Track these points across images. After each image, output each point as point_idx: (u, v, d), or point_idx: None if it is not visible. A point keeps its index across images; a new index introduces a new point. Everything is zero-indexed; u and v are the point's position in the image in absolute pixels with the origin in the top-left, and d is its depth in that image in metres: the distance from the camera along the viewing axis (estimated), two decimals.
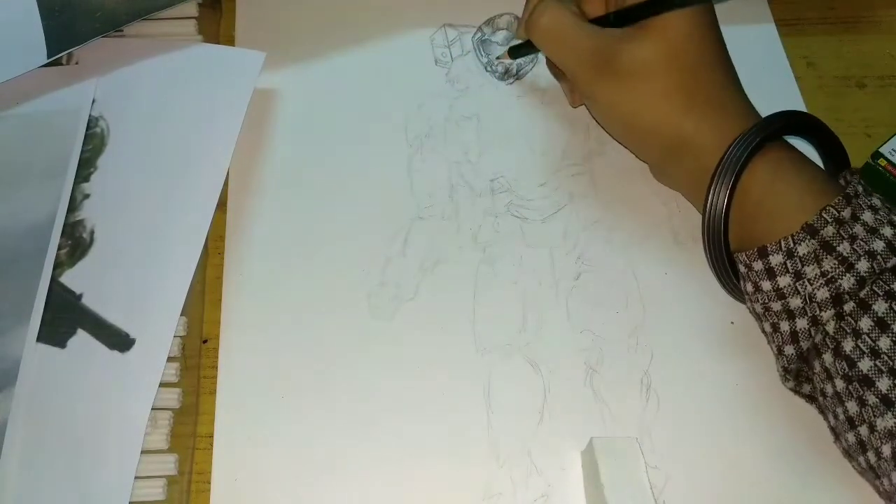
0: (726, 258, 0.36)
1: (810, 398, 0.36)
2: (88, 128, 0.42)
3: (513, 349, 0.38)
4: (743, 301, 0.37)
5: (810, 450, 0.36)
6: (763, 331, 0.36)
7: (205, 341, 0.38)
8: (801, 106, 0.45)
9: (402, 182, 0.42)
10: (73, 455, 0.35)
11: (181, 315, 0.38)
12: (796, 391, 0.36)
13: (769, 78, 0.46)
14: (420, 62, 0.46)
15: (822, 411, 0.35)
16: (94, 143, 0.42)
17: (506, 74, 0.46)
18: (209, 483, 0.35)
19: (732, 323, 0.39)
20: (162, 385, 0.37)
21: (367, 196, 0.42)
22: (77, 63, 0.44)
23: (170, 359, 0.37)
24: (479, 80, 0.46)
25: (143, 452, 0.35)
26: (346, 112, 0.44)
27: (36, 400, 0.36)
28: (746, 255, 0.34)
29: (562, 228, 0.42)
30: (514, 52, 0.45)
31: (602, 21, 0.39)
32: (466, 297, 0.40)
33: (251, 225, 0.41)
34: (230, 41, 0.46)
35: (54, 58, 0.42)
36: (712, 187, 0.36)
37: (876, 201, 0.34)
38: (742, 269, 0.35)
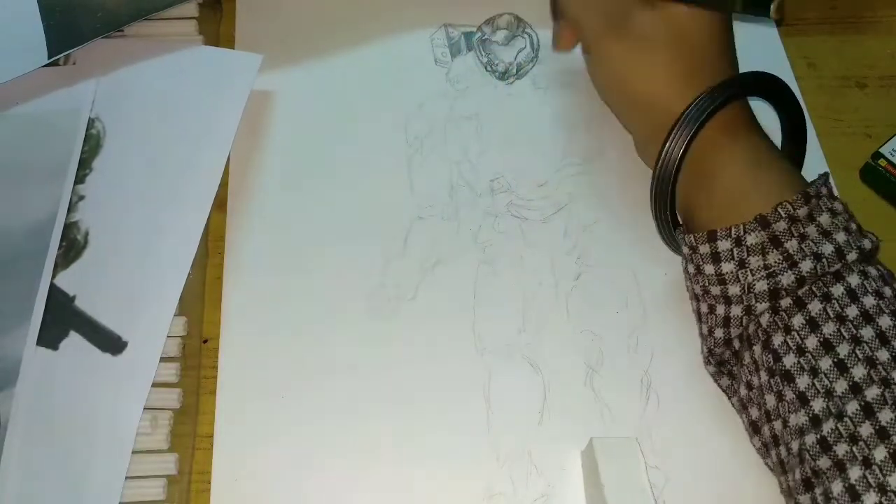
0: (669, 211, 0.37)
1: (726, 391, 0.37)
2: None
3: (513, 349, 0.38)
4: (677, 252, 0.38)
5: None
6: (696, 311, 0.36)
7: (205, 341, 0.38)
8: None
9: (402, 182, 0.42)
10: (67, 456, 0.35)
11: (182, 315, 0.38)
12: (715, 379, 0.37)
13: None
14: (420, 62, 0.46)
15: (740, 408, 0.35)
16: (90, 144, 0.42)
17: (506, 74, 0.46)
18: (209, 483, 0.35)
19: None
20: (162, 385, 0.37)
21: (367, 196, 0.42)
22: (75, 63, 0.44)
23: (170, 359, 0.37)
24: (479, 80, 0.46)
25: (143, 452, 0.35)
26: (346, 112, 0.44)
27: (32, 401, 0.36)
28: (694, 238, 0.35)
29: (562, 228, 0.42)
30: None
31: None
32: (466, 297, 0.40)
33: (251, 225, 0.41)
34: (230, 41, 0.46)
35: (55, 58, 0.42)
36: (671, 136, 0.36)
37: (838, 206, 0.34)
38: (686, 250, 0.35)
